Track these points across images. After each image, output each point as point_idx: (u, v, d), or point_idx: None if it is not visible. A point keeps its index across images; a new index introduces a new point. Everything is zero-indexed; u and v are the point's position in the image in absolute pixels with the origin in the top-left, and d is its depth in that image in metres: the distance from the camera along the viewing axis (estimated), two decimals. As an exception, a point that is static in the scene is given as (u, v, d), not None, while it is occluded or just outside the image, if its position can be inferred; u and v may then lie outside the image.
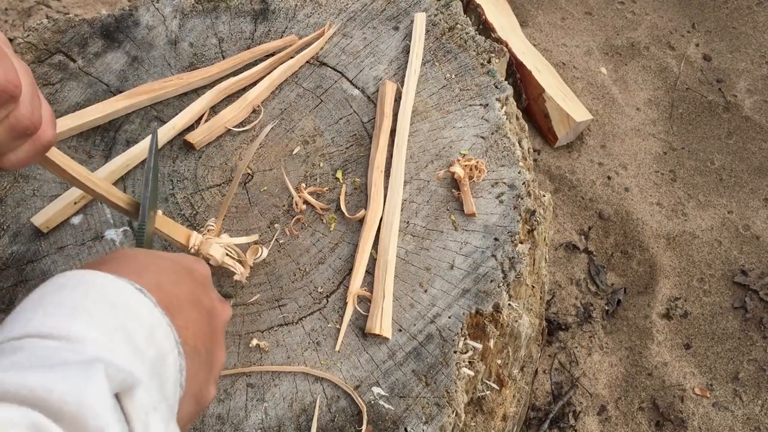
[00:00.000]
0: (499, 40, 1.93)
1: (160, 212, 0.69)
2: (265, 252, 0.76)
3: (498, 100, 0.96)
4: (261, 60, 1.00)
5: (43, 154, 0.53)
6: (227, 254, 0.75)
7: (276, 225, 0.85)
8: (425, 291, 0.79)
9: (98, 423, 0.31)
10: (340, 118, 0.95)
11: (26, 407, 0.30)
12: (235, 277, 0.76)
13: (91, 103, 0.92)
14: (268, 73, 0.98)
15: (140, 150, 0.87)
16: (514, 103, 1.03)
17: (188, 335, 0.46)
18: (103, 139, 0.91)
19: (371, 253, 0.82)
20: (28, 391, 0.30)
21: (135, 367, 0.37)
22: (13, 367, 0.32)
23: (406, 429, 0.70)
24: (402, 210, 0.86)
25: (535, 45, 2.15)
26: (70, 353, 0.35)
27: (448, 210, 0.86)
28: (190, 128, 0.92)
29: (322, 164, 0.91)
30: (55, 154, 0.60)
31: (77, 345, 0.36)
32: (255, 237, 0.80)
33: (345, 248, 0.83)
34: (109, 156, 0.89)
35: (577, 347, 1.58)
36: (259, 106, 0.96)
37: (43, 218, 0.81)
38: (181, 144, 0.91)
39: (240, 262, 0.77)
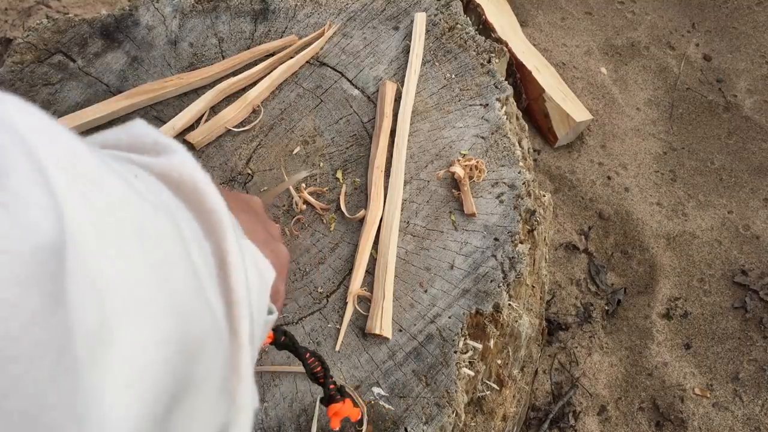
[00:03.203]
0: (499, 40, 1.93)
1: None
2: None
3: (498, 100, 0.96)
4: (261, 60, 1.00)
5: None
6: None
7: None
8: (425, 291, 0.79)
9: (151, 138, 0.32)
10: (340, 118, 0.95)
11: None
12: None
13: (91, 103, 0.92)
14: (268, 73, 0.98)
15: (140, 150, 0.87)
16: (514, 103, 1.03)
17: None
18: (103, 139, 0.91)
19: (371, 253, 0.82)
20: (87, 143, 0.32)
21: None
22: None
23: (406, 429, 0.70)
24: (402, 210, 0.86)
25: (535, 45, 2.15)
26: None
27: (448, 210, 0.86)
28: (190, 128, 0.92)
29: (322, 164, 0.91)
30: None
31: None
32: None
33: (345, 248, 0.83)
34: (109, 156, 0.89)
35: (577, 347, 1.58)
36: (259, 106, 0.96)
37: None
38: (181, 144, 0.91)
39: None
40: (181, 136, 0.91)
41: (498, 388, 0.85)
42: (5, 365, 0.17)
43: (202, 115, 0.93)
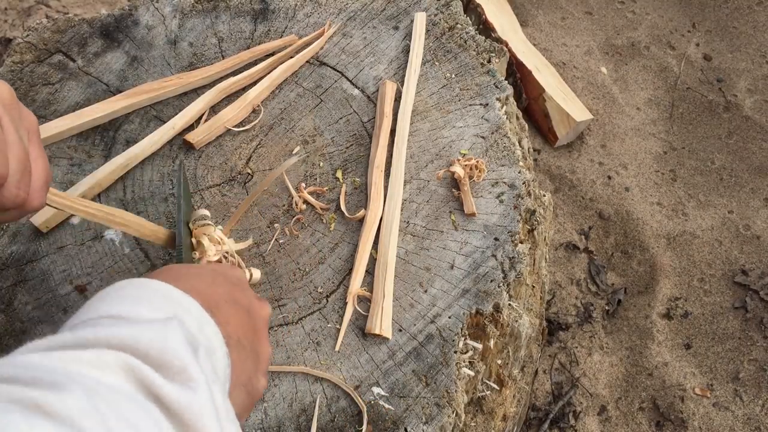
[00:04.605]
0: (499, 40, 1.92)
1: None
2: (258, 274, 0.75)
3: (498, 99, 0.96)
4: (261, 60, 1.00)
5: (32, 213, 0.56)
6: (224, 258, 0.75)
7: (276, 225, 0.85)
8: (425, 291, 0.79)
9: (182, 363, 0.36)
10: (340, 118, 0.95)
11: (118, 351, 0.35)
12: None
13: (91, 103, 0.92)
14: (268, 73, 0.98)
15: (140, 150, 0.87)
16: (514, 102, 1.03)
17: (229, 330, 0.48)
18: (103, 139, 0.91)
19: (371, 253, 0.82)
20: (117, 341, 0.35)
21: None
22: (98, 328, 0.36)
23: (406, 429, 0.70)
24: (402, 210, 0.86)
25: (535, 45, 2.15)
26: None
27: (448, 210, 0.86)
28: (190, 128, 0.92)
29: (322, 164, 0.91)
30: (62, 198, 0.62)
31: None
32: (249, 242, 0.80)
33: (345, 248, 0.83)
34: (109, 155, 0.89)
35: (577, 347, 1.58)
36: (258, 106, 0.96)
37: (42, 218, 0.80)
38: (181, 144, 0.91)
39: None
40: (181, 135, 0.91)
41: (498, 388, 0.85)
42: None
43: (202, 115, 0.93)
